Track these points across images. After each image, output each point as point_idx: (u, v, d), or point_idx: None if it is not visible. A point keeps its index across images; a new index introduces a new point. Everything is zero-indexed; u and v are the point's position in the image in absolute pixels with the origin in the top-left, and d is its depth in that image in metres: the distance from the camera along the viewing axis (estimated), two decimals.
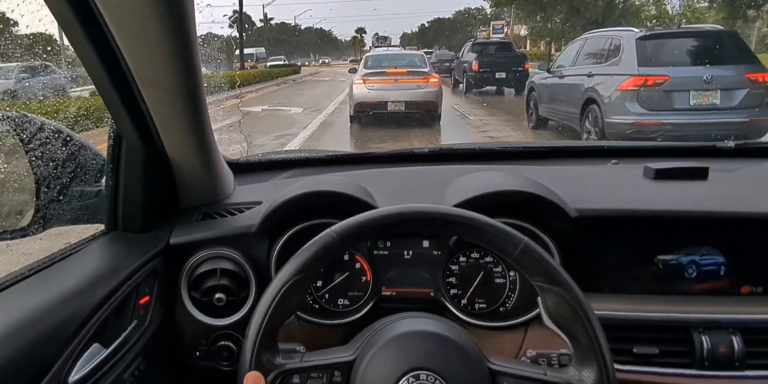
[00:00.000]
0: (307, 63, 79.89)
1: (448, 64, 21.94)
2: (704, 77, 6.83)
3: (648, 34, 7.44)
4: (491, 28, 51.81)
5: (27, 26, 1.28)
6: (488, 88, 17.24)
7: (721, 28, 8.36)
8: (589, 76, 7.85)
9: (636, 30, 7.61)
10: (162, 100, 1.13)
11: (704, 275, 1.24)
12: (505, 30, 50.41)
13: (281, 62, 46.54)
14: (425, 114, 10.38)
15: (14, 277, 1.02)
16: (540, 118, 9.72)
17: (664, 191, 1.35)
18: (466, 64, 17.33)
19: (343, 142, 9.74)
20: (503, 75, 16.40)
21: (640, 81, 6.98)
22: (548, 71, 9.38)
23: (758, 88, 6.83)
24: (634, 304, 1.20)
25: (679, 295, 1.24)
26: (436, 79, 10.59)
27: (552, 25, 30.63)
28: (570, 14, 26.16)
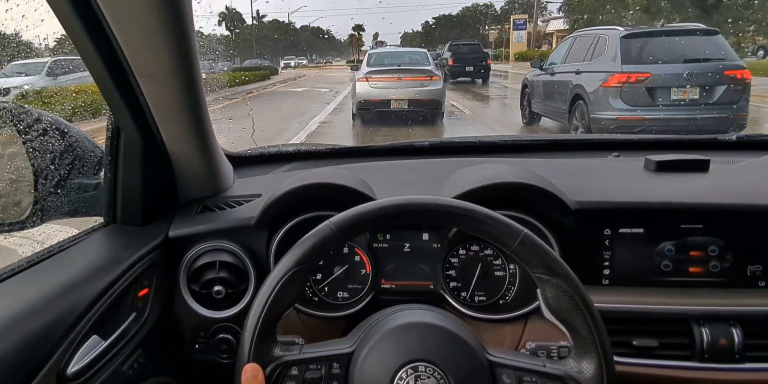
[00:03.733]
0: (293, 64, 53.73)
1: (435, 61, 23.89)
2: (684, 74, 6.84)
3: (631, 32, 7.45)
4: (512, 23, 43.58)
5: (23, 16, 1.23)
6: (461, 78, 21.18)
7: (704, 26, 8.21)
8: (577, 73, 7.83)
9: (621, 29, 7.59)
10: (160, 93, 1.09)
11: (704, 268, 1.21)
12: (528, 25, 42.76)
13: None
14: (428, 112, 10.06)
15: (13, 269, 0.98)
16: (533, 114, 9.64)
17: (665, 183, 1.31)
18: (444, 60, 21.33)
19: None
20: (471, 68, 20.87)
21: (623, 78, 7.01)
22: (541, 68, 9.29)
23: (737, 84, 6.85)
24: (633, 297, 1.17)
25: (678, 288, 1.20)
26: (438, 77, 10.29)
27: (603, 17, 26.42)
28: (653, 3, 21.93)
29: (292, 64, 51.73)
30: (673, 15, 20.97)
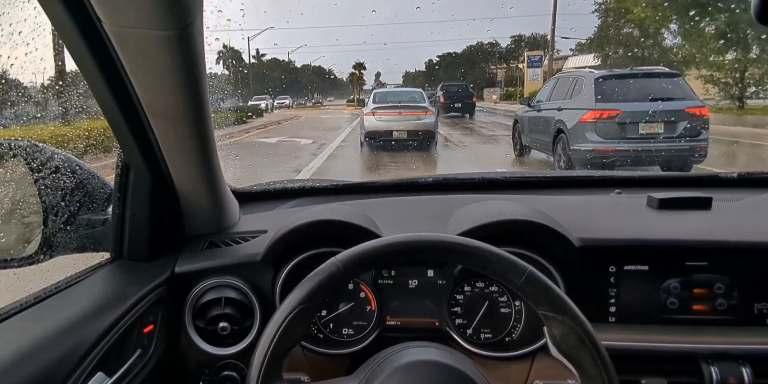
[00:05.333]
0: (263, 106, 29.68)
1: (430, 98, 24.06)
2: (650, 111, 6.83)
3: (605, 74, 7.50)
4: (526, 59, 33.80)
5: (42, 59, 1.11)
6: (451, 114, 21.30)
7: (668, 69, 8.41)
8: (559, 110, 7.81)
9: (596, 72, 7.66)
10: (170, 130, 0.95)
11: (711, 305, 1.04)
12: (544, 62, 30.81)
13: None
14: (423, 141, 10.56)
15: (20, 305, 0.86)
16: (523, 147, 9.56)
17: (668, 221, 1.14)
18: (437, 98, 21.38)
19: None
20: (459, 105, 21.48)
21: (597, 114, 7.01)
22: (529, 106, 9.26)
23: (696, 120, 6.90)
24: (641, 335, 1.00)
25: (686, 326, 1.03)
26: (432, 112, 10.92)
27: (646, 52, 20.29)
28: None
29: (263, 105, 29.97)
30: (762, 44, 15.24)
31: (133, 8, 0.71)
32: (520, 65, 40.86)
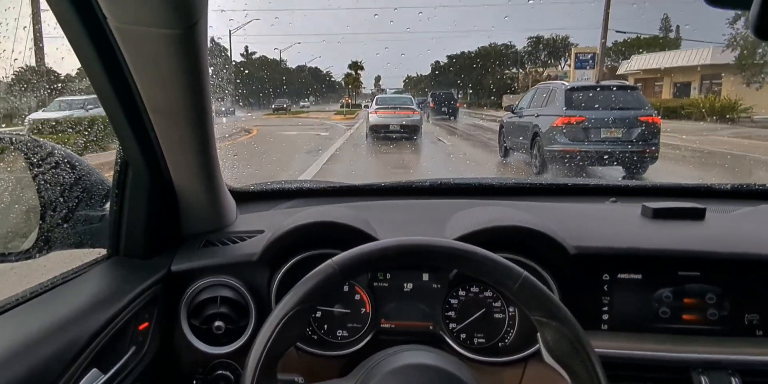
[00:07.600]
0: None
1: (421, 104, 24.63)
2: (610, 118, 6.89)
3: (574, 86, 7.54)
4: (573, 58, 24.69)
5: (45, 54, 0.95)
6: (438, 116, 21.37)
7: (627, 83, 8.48)
8: (536, 116, 7.82)
9: (566, 83, 7.75)
10: (171, 128, 0.83)
11: (702, 315, 0.91)
12: (596, 63, 22.14)
13: None
14: (411, 132, 12.46)
15: (15, 300, 0.77)
16: (507, 149, 9.51)
17: (662, 230, 1.00)
18: (427, 103, 21.92)
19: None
20: (446, 109, 21.32)
21: (566, 120, 7.03)
22: (512, 112, 9.24)
23: (649, 127, 6.99)
24: (632, 343, 0.87)
25: (678, 335, 0.90)
26: (419, 112, 13.02)
27: None
28: None
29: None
30: None
31: (139, 6, 0.62)
32: (539, 69, 35.52)
